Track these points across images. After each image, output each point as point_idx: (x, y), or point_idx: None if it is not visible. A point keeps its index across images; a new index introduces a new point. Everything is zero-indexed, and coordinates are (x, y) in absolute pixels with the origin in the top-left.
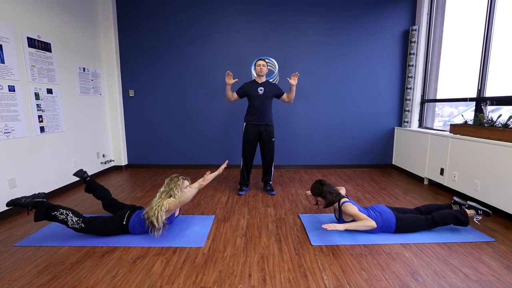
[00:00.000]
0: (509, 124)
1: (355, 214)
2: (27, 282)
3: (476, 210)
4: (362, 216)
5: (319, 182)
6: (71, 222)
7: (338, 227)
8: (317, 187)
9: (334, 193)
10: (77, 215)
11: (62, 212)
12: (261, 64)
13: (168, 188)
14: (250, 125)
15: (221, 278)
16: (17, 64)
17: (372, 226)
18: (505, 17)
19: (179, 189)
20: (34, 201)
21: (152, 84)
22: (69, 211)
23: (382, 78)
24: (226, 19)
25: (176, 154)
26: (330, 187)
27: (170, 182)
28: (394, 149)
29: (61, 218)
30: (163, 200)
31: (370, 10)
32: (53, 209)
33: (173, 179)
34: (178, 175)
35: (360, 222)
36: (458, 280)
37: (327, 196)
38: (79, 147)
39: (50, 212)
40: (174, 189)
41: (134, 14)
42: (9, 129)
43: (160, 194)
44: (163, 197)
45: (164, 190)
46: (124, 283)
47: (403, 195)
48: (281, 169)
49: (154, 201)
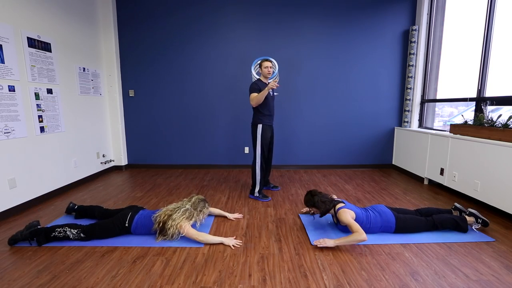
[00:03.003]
0: (509, 124)
1: (348, 224)
2: (27, 282)
3: (476, 218)
4: (355, 227)
5: (310, 193)
6: (72, 236)
7: (328, 243)
8: (309, 199)
9: (326, 201)
10: (75, 227)
11: (59, 231)
12: (269, 66)
13: (193, 209)
14: (266, 126)
15: (221, 278)
16: (17, 64)
17: (363, 239)
18: (505, 17)
19: (201, 216)
20: (30, 232)
21: (152, 84)
22: (65, 227)
23: (382, 78)
24: (226, 19)
25: (176, 154)
26: (322, 196)
27: (197, 204)
28: (394, 149)
29: (61, 236)
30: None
31: (370, 10)
32: (50, 231)
33: (200, 203)
34: (205, 200)
35: (351, 237)
36: (458, 280)
37: (320, 206)
38: (79, 147)
39: (49, 235)
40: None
41: (134, 14)
42: (9, 129)
43: (184, 211)
44: (186, 215)
45: (189, 209)
46: (124, 283)
47: (403, 195)
48: (281, 169)
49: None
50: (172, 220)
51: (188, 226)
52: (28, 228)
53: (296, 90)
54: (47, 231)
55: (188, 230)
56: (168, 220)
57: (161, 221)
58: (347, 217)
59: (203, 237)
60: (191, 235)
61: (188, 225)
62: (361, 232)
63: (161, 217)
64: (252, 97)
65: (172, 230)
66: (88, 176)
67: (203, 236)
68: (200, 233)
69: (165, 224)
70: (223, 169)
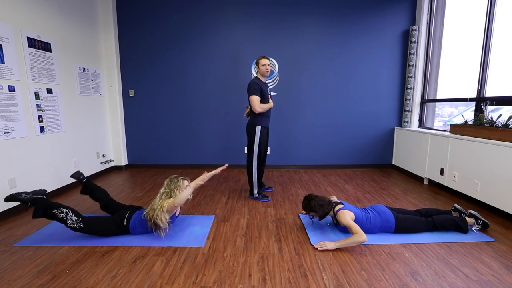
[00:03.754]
0: (509, 124)
1: (348, 225)
2: (27, 282)
3: (476, 220)
4: (354, 229)
5: (306, 198)
6: (70, 222)
7: (328, 246)
8: (306, 205)
9: (324, 204)
10: (77, 214)
11: (62, 211)
12: (267, 63)
13: (168, 189)
14: (264, 128)
15: (221, 278)
16: (17, 64)
17: (363, 241)
18: (505, 17)
19: (179, 189)
20: (34, 197)
21: (152, 84)
22: (69, 210)
23: (382, 78)
24: (226, 18)
25: (176, 154)
26: (319, 200)
27: (170, 183)
28: (394, 149)
29: (60, 216)
30: (163, 201)
31: (370, 10)
32: (52, 207)
33: (172, 180)
34: (177, 176)
35: (351, 239)
36: (458, 280)
37: (318, 209)
38: (79, 147)
39: (50, 210)
40: (174, 190)
41: (134, 14)
42: (9, 129)
43: (160, 195)
44: (164, 198)
45: (164, 191)
46: (124, 283)
47: (403, 195)
48: (281, 169)
49: (155, 203)
50: (153, 210)
51: (170, 201)
52: (35, 194)
53: (296, 90)
54: (50, 206)
55: (170, 203)
56: (151, 211)
57: (150, 217)
58: (347, 218)
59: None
60: (174, 204)
61: (170, 200)
62: (361, 234)
63: (149, 214)
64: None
65: (160, 216)
66: (88, 176)
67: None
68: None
69: (152, 217)
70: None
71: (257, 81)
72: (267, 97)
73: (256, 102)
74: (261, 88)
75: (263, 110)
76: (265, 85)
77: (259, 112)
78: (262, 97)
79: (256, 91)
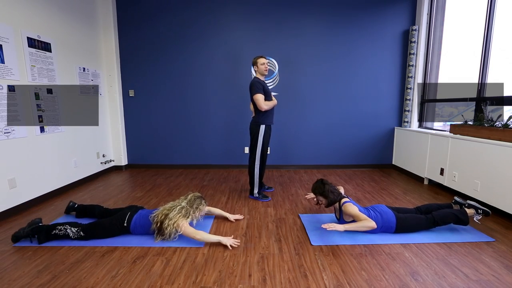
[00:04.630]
0: (509, 124)
1: (355, 215)
2: (27, 282)
3: (476, 209)
4: (362, 216)
5: (321, 181)
6: (72, 234)
7: (338, 227)
8: (319, 186)
9: (335, 192)
10: (75, 225)
11: (60, 229)
12: (265, 62)
13: (190, 207)
14: (268, 127)
15: (221, 278)
16: (17, 64)
17: (372, 226)
18: (505, 17)
19: (198, 213)
20: (32, 229)
21: (152, 84)
22: (66, 225)
23: (382, 78)
24: (226, 19)
25: (176, 154)
26: (332, 187)
27: (194, 201)
28: (394, 149)
29: (61, 234)
30: (179, 220)
31: (370, 10)
32: (51, 229)
33: (197, 200)
34: (202, 197)
35: (360, 223)
36: (458, 280)
37: (329, 195)
38: (79, 147)
39: (50, 233)
40: (192, 212)
41: (134, 14)
42: (9, 129)
43: (180, 208)
44: (182, 212)
45: (185, 207)
46: (124, 283)
47: (403, 195)
48: (281, 169)
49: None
50: (169, 219)
51: (186, 224)
52: (30, 225)
53: (296, 90)
54: (48, 229)
55: (186, 229)
56: (165, 219)
57: (159, 221)
58: (355, 208)
59: (200, 235)
60: (188, 234)
61: (186, 223)
62: (370, 220)
63: (158, 217)
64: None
65: (170, 229)
66: (88, 176)
67: (201, 234)
68: (198, 231)
69: (163, 224)
70: (223, 169)
71: (258, 80)
72: (270, 94)
73: (261, 100)
74: (263, 86)
75: (268, 107)
76: (266, 83)
77: (265, 109)
78: (266, 94)
79: (260, 90)
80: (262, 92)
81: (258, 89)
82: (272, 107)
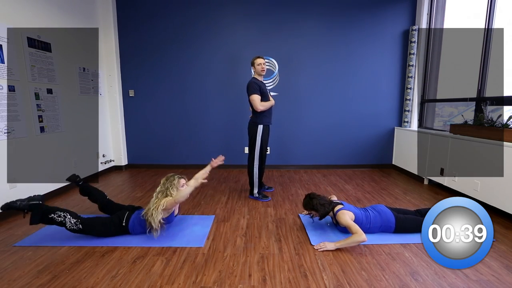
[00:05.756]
0: (509, 124)
1: (347, 225)
2: (27, 282)
3: None
4: (354, 228)
5: (308, 196)
6: (69, 224)
7: (328, 246)
8: (308, 202)
9: (325, 203)
10: (75, 216)
11: (59, 215)
12: (262, 63)
13: (164, 187)
14: (266, 127)
15: (221, 278)
16: (17, 64)
17: (363, 240)
18: (505, 17)
19: (175, 188)
20: (30, 204)
21: (152, 84)
22: (66, 213)
23: (382, 78)
24: (226, 19)
25: (176, 154)
26: (320, 199)
27: (166, 181)
28: (394, 149)
29: (58, 220)
30: (159, 200)
31: (370, 10)
32: (50, 212)
33: (168, 179)
34: (174, 174)
35: (350, 239)
36: (458, 280)
37: (319, 208)
38: (79, 147)
39: (47, 215)
40: (170, 188)
41: (134, 14)
42: (9, 129)
43: (156, 194)
44: (160, 197)
45: (160, 190)
46: (124, 283)
47: (403, 195)
48: (281, 169)
49: (151, 202)
50: (149, 209)
51: (167, 200)
52: (30, 200)
53: (296, 90)
54: (46, 211)
55: (167, 203)
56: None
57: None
58: (346, 218)
59: (182, 193)
60: (175, 200)
61: (167, 199)
62: (361, 233)
63: (146, 213)
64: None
65: (154, 216)
66: (88, 176)
67: (182, 192)
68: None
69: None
70: (223, 169)
71: (255, 81)
72: (267, 95)
73: (257, 100)
74: (260, 87)
75: (265, 108)
76: (263, 84)
77: (261, 110)
78: (262, 95)
79: (256, 90)
80: (258, 92)
81: (254, 90)
82: (269, 108)
